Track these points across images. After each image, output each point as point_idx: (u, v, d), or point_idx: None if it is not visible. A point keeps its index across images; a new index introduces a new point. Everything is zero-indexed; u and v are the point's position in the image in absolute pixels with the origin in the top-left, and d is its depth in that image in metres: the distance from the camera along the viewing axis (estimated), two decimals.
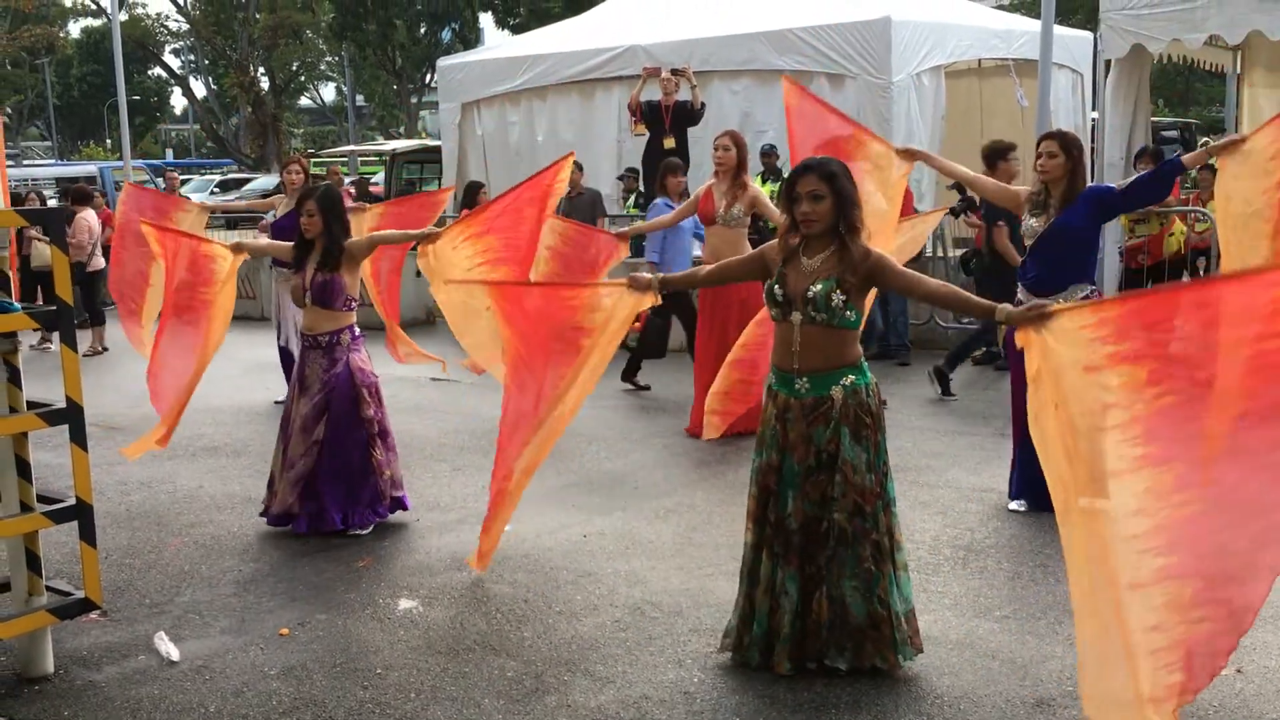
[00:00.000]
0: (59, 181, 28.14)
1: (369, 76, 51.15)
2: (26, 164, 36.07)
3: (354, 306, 5.85)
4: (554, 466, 6.98)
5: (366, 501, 5.78)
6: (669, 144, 11.07)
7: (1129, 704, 3.18)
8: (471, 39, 43.40)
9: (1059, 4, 10.64)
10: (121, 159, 21.48)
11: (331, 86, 63.30)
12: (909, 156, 6.11)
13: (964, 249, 10.58)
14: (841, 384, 3.95)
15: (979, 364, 10.04)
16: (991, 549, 5.35)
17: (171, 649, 4.39)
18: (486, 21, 44.94)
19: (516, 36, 26.53)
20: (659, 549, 5.46)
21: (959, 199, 10.20)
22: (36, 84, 53.27)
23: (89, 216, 12.27)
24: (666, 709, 3.84)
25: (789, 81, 6.52)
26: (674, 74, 10.94)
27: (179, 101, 65.66)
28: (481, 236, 5.79)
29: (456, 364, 8.18)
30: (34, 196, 13.58)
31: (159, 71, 56.54)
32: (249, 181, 36.19)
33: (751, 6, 12.97)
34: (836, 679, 3.96)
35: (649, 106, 11.12)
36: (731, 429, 7.43)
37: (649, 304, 4.35)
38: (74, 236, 11.91)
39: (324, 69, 58.44)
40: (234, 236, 20.07)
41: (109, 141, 57.34)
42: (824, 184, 3.92)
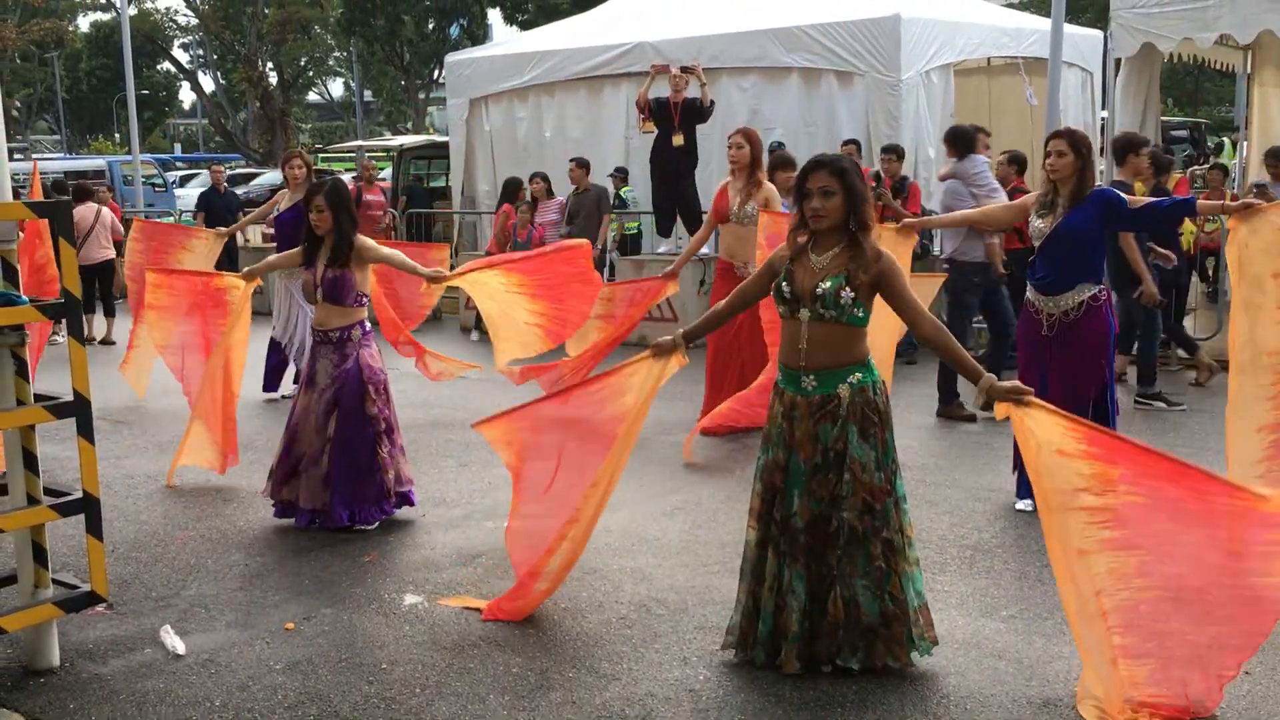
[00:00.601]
0: (67, 175, 28.21)
1: (377, 72, 51.15)
2: (35, 157, 36.12)
3: (365, 302, 5.85)
4: None
5: (373, 499, 5.78)
6: (678, 141, 11.05)
7: None
8: (480, 35, 43.42)
9: (1069, 2, 10.61)
10: (130, 153, 21.54)
11: (340, 82, 63.35)
12: (907, 230, 6.14)
13: None
14: (849, 382, 3.94)
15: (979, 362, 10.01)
16: (998, 549, 5.34)
17: (177, 642, 4.39)
18: (495, 17, 44.93)
19: (525, 33, 26.55)
20: (665, 546, 5.45)
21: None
22: (46, 78, 53.37)
23: (86, 210, 12.37)
24: (672, 706, 3.84)
25: (766, 214, 6.94)
26: (684, 71, 10.92)
27: (187, 96, 65.82)
28: (509, 272, 6.10)
29: (493, 370, 8.22)
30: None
31: (168, 66, 56.56)
32: (256, 176, 36.22)
33: (760, 3, 12.95)
34: (843, 678, 3.95)
35: (658, 104, 11.11)
36: (736, 425, 7.45)
37: (676, 366, 4.28)
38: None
39: (332, 64, 58.47)
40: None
41: (117, 135, 57.41)
42: (835, 180, 3.91)
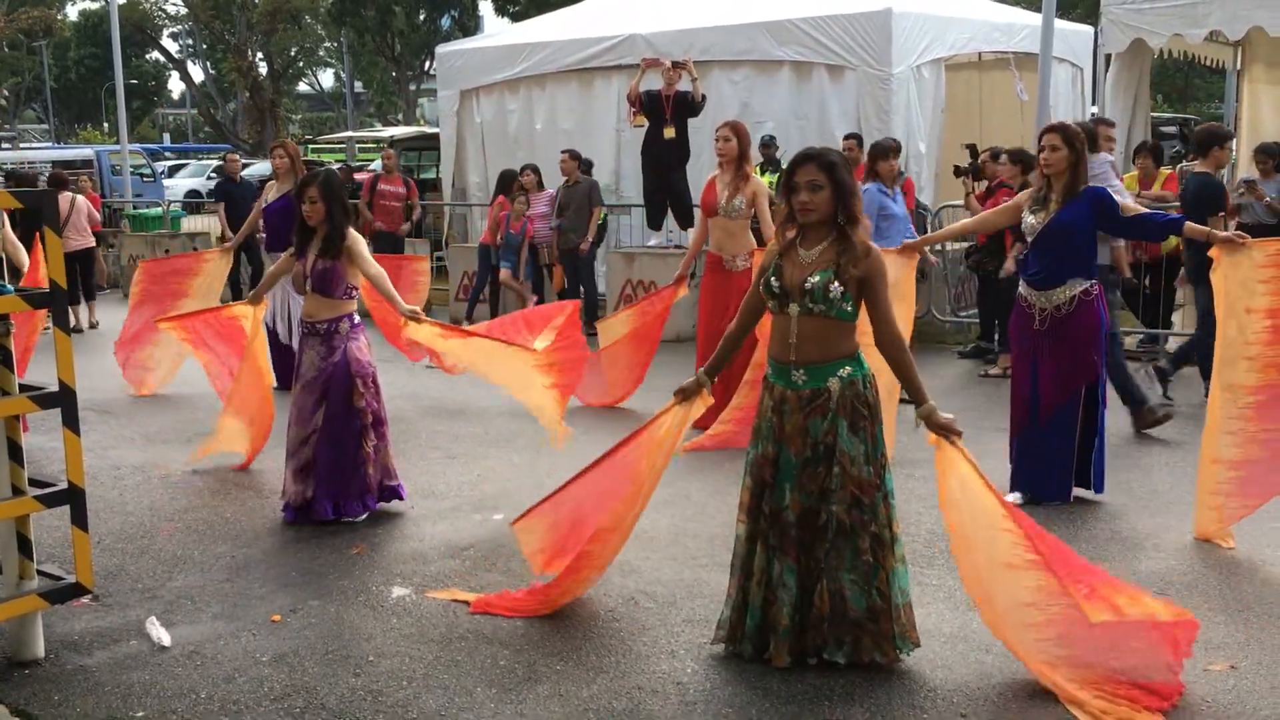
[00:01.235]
0: (55, 164, 28.07)
1: (368, 63, 51.03)
2: (23, 146, 35.94)
3: (354, 295, 5.82)
4: (552, 456, 6.96)
5: (355, 493, 5.76)
6: (669, 134, 11.03)
7: None
8: (471, 26, 43.34)
9: None
10: (119, 142, 21.41)
11: (330, 72, 63.21)
12: (909, 251, 6.12)
13: (965, 243, 10.56)
14: (838, 375, 3.94)
15: (965, 356, 10.05)
16: None
17: (163, 634, 4.38)
18: (486, 9, 44.91)
19: (516, 24, 26.46)
20: (653, 539, 5.44)
21: (968, 161, 10.17)
22: (34, 66, 53.11)
23: (62, 201, 12.44)
24: (659, 699, 3.83)
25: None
26: (675, 67, 10.90)
27: (177, 86, 65.55)
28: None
29: None
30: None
31: (157, 55, 56.37)
32: (246, 167, 36.08)
33: None
34: (831, 671, 3.95)
35: (649, 96, 11.08)
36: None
37: (702, 407, 4.28)
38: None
39: (323, 55, 58.32)
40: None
41: (106, 125, 57.17)
42: (823, 174, 3.90)
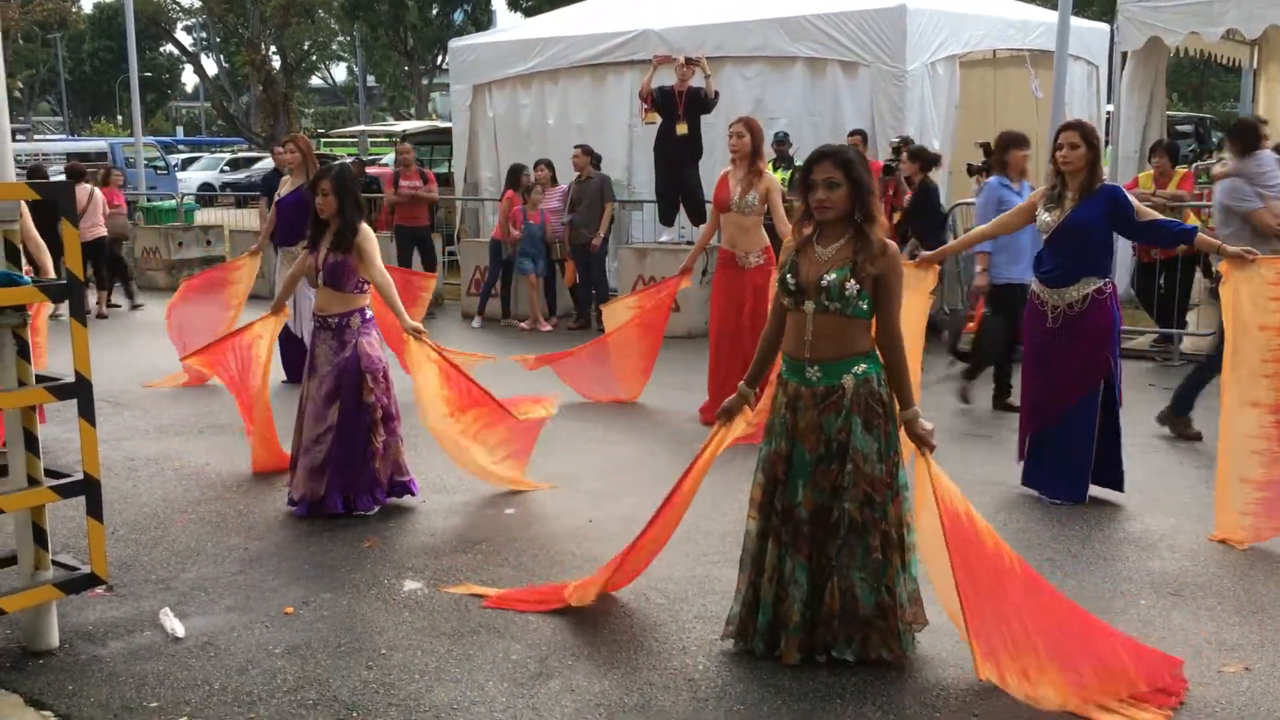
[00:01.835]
0: (69, 157, 28.17)
1: (380, 57, 51.06)
2: (38, 139, 36.07)
3: (365, 289, 5.82)
4: (561, 451, 6.97)
5: (365, 487, 5.77)
6: (682, 130, 11.02)
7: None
8: (484, 20, 43.32)
9: None
10: (132, 135, 21.49)
11: (343, 66, 63.29)
12: (926, 264, 5.98)
13: None
14: (853, 373, 3.93)
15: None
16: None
17: (176, 625, 4.39)
18: (499, 3, 44.82)
19: (529, 19, 26.46)
20: None
21: (982, 160, 10.13)
22: (48, 59, 53.30)
23: (80, 192, 12.62)
24: (671, 695, 3.83)
25: None
26: (688, 63, 10.89)
27: (190, 79, 65.76)
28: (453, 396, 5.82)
29: (507, 359, 8.26)
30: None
31: (171, 48, 56.47)
32: (258, 160, 36.17)
33: None
34: (843, 669, 3.94)
35: (662, 92, 11.07)
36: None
37: (743, 424, 4.25)
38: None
39: (335, 49, 58.36)
40: (244, 215, 20.07)
41: (120, 117, 57.32)
42: (839, 171, 3.89)
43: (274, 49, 45.68)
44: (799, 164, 4.14)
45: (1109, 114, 13.73)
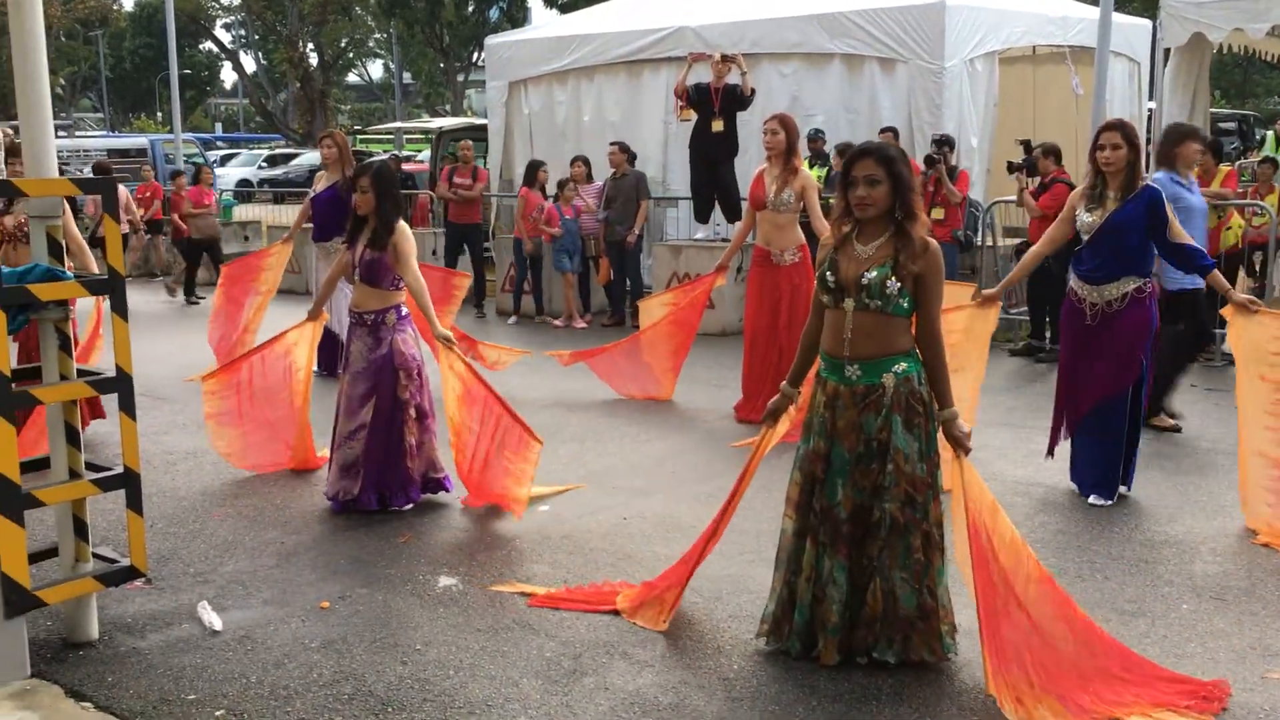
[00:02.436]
0: (109, 153, 28.49)
1: (416, 54, 51.34)
2: (79, 135, 36.50)
3: (402, 286, 5.83)
4: (596, 448, 6.98)
5: (399, 485, 5.79)
6: (717, 127, 10.98)
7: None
8: (519, 18, 43.41)
9: None
10: (172, 132, 21.69)
11: (379, 63, 63.69)
12: (989, 302, 5.88)
13: (1017, 240, 10.43)
14: (893, 371, 3.90)
15: (1016, 355, 9.93)
16: (1036, 544, 5.25)
17: (214, 618, 4.42)
18: (535, 0, 44.92)
19: (565, 16, 26.50)
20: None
21: (1022, 158, 10.05)
22: (90, 56, 53.92)
23: None
24: (705, 695, 3.82)
25: None
26: (725, 60, 10.85)
27: (229, 76, 66.32)
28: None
29: (541, 354, 8.25)
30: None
31: (210, 46, 57.08)
32: (295, 157, 36.46)
33: None
34: (879, 670, 3.91)
35: (697, 89, 11.04)
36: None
37: (787, 424, 4.29)
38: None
39: (372, 46, 58.76)
40: (282, 211, 20.21)
41: (160, 114, 57.96)
42: (881, 168, 3.86)
43: (311, 46, 46.06)
44: (843, 161, 4.11)
45: (1151, 111, 13.58)
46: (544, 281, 12.41)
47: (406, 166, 16.96)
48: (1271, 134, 14.36)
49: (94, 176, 14.38)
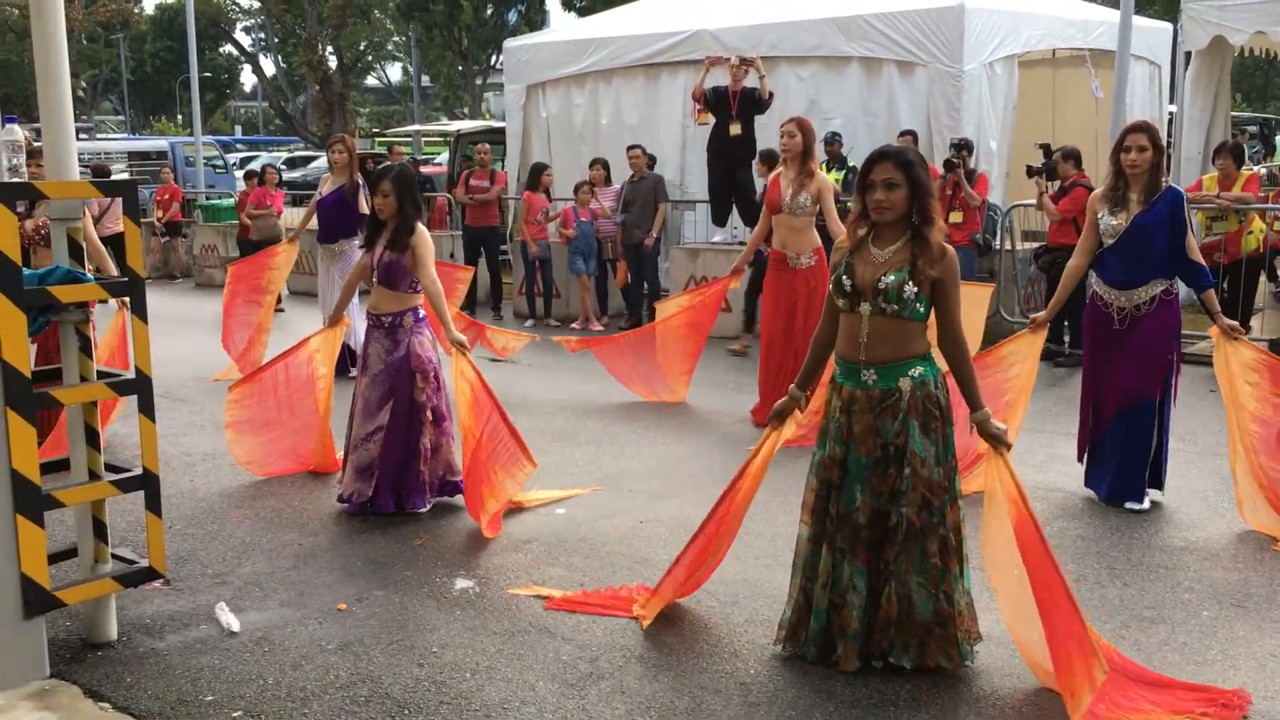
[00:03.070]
0: (130, 155, 28.67)
1: (435, 57, 51.47)
2: (100, 137, 36.74)
3: (419, 289, 5.85)
4: (613, 451, 6.97)
5: (414, 488, 5.79)
6: (735, 130, 10.97)
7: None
8: (538, 21, 43.49)
9: None
10: (192, 134, 21.82)
11: (398, 66, 63.88)
12: (1039, 327, 5.87)
13: (1036, 243, 10.38)
14: (910, 375, 3.88)
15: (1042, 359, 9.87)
16: (1056, 549, 5.19)
17: (232, 620, 4.44)
18: (553, 3, 44.96)
19: (583, 19, 26.52)
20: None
21: (1041, 161, 10.01)
22: (111, 59, 54.27)
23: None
24: (722, 699, 3.81)
25: None
26: (743, 63, 10.84)
27: (249, 79, 66.60)
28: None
29: (550, 340, 8.19)
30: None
31: (230, 49, 57.33)
32: (314, 159, 36.58)
33: None
34: (896, 676, 3.90)
35: (715, 92, 11.03)
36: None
37: (794, 426, 4.25)
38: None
39: (391, 49, 58.98)
40: (300, 213, 20.31)
41: (180, 117, 58.31)
42: (900, 172, 3.85)
43: (330, 49, 46.28)
44: (853, 164, 4.12)
45: (1171, 115, 13.49)
46: (551, 284, 12.42)
47: (424, 169, 17.00)
48: None
49: (119, 179, 14.45)
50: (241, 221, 14.32)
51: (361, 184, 8.89)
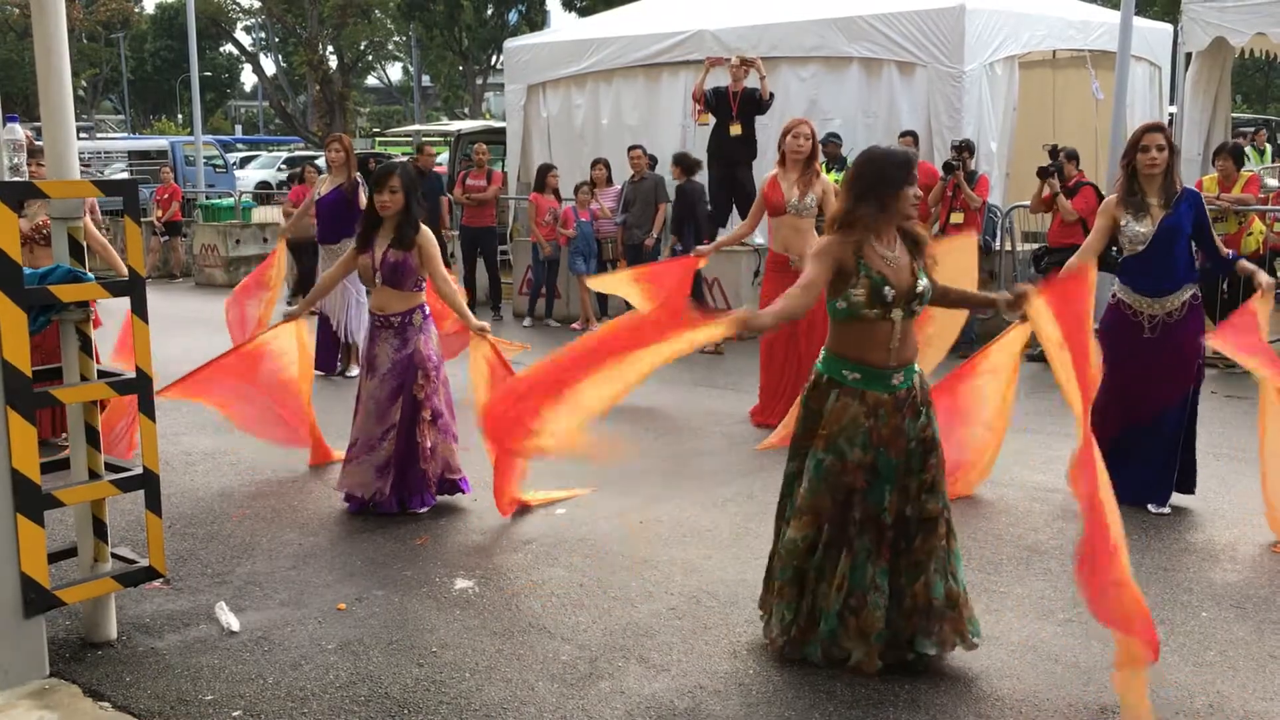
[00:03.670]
0: (131, 155, 28.66)
1: (435, 57, 51.46)
2: (100, 137, 36.72)
3: (423, 286, 5.84)
4: (611, 451, 6.96)
5: (416, 486, 5.80)
6: (735, 131, 10.97)
7: None
8: (538, 21, 43.50)
9: None
10: (193, 134, 21.82)
11: (398, 66, 63.88)
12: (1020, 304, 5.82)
13: (1036, 245, 10.37)
14: (917, 369, 3.96)
15: (1034, 360, 9.87)
16: (1055, 550, 5.24)
17: (232, 619, 4.44)
18: (553, 3, 45.02)
19: (583, 19, 26.53)
20: (716, 538, 5.42)
21: (1050, 162, 10.00)
22: (111, 58, 54.26)
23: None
24: (721, 700, 3.81)
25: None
26: (743, 64, 10.84)
27: (249, 78, 66.67)
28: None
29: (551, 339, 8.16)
30: None
31: (230, 48, 57.34)
32: (315, 159, 36.53)
33: None
34: (896, 676, 3.90)
35: (715, 93, 11.04)
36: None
37: (721, 335, 3.86)
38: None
39: (391, 49, 58.96)
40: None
41: (180, 116, 58.28)
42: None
43: (331, 49, 46.29)
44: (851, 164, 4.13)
45: (1171, 116, 13.51)
46: (556, 284, 12.42)
47: (435, 169, 17.00)
48: None
49: (127, 179, 14.43)
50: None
51: (361, 182, 8.88)
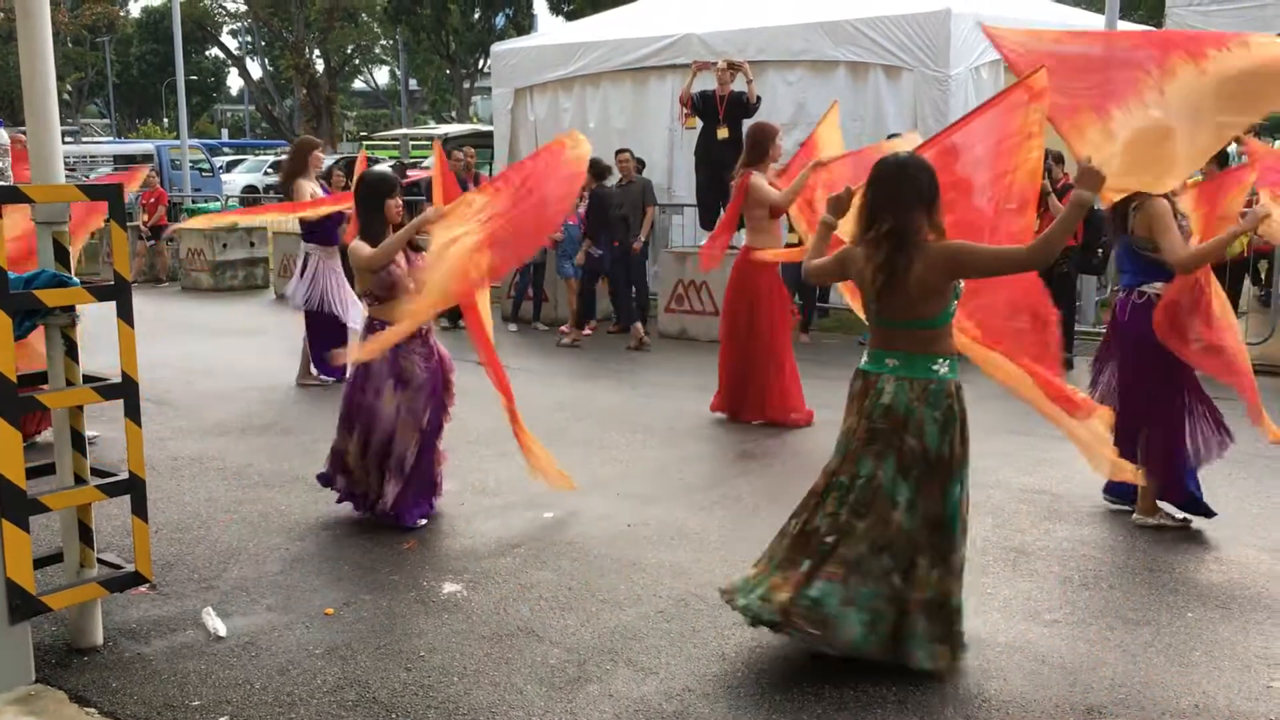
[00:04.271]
0: (116, 159, 28.58)
1: (422, 61, 51.42)
2: (85, 141, 36.59)
3: None
4: (600, 455, 6.98)
5: (419, 495, 5.74)
6: (723, 134, 11.01)
7: None
8: (525, 25, 43.54)
9: None
10: (178, 138, 21.77)
11: (385, 70, 63.79)
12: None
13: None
14: None
15: None
16: (1042, 552, 5.26)
17: (219, 624, 4.43)
18: (541, 7, 45.04)
19: (570, 23, 26.54)
20: (704, 540, 5.42)
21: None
22: (97, 62, 54.07)
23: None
24: (709, 702, 3.81)
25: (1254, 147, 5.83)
26: (730, 67, 10.87)
27: (235, 82, 66.54)
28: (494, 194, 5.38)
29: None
30: None
31: (216, 52, 57.23)
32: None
33: None
34: (883, 679, 3.91)
35: (702, 97, 11.07)
36: (753, 416, 7.66)
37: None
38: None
39: (378, 52, 58.85)
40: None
41: (166, 120, 58.10)
42: None
43: (318, 53, 46.21)
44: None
45: None
46: (542, 288, 12.42)
47: (412, 173, 16.96)
48: (1277, 143, 14.34)
49: (104, 183, 14.36)
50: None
51: (325, 187, 8.94)
